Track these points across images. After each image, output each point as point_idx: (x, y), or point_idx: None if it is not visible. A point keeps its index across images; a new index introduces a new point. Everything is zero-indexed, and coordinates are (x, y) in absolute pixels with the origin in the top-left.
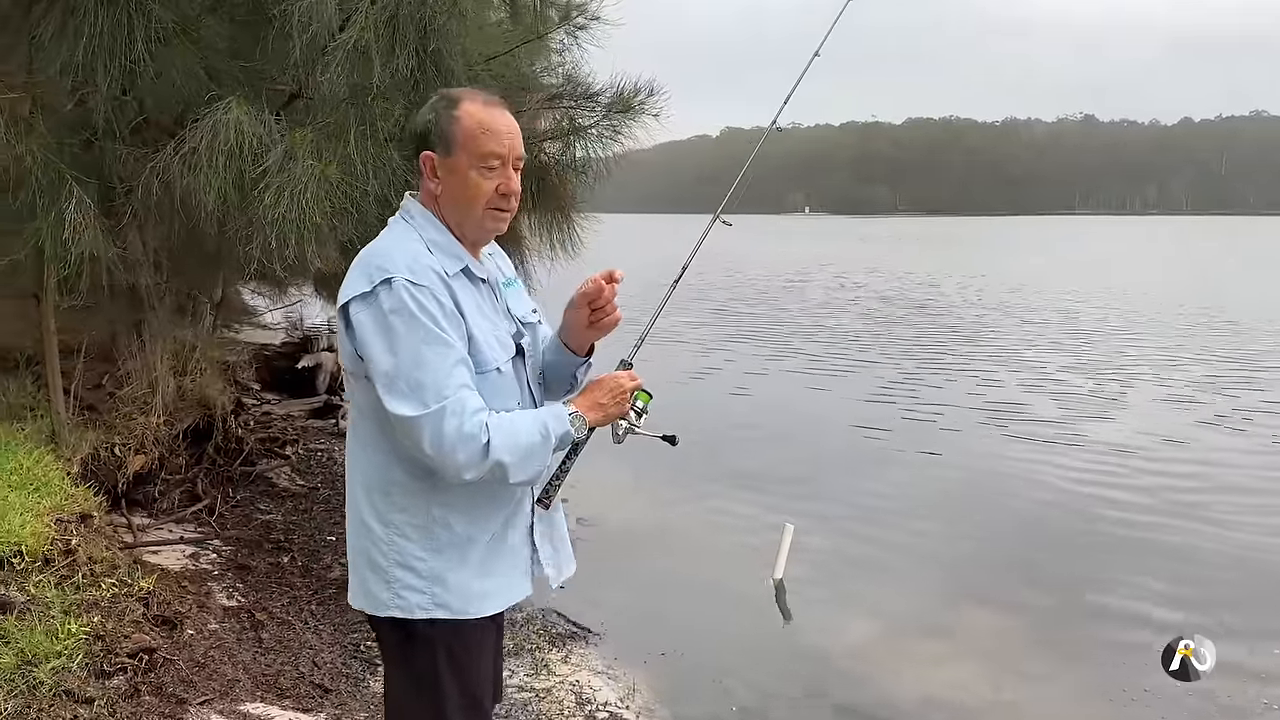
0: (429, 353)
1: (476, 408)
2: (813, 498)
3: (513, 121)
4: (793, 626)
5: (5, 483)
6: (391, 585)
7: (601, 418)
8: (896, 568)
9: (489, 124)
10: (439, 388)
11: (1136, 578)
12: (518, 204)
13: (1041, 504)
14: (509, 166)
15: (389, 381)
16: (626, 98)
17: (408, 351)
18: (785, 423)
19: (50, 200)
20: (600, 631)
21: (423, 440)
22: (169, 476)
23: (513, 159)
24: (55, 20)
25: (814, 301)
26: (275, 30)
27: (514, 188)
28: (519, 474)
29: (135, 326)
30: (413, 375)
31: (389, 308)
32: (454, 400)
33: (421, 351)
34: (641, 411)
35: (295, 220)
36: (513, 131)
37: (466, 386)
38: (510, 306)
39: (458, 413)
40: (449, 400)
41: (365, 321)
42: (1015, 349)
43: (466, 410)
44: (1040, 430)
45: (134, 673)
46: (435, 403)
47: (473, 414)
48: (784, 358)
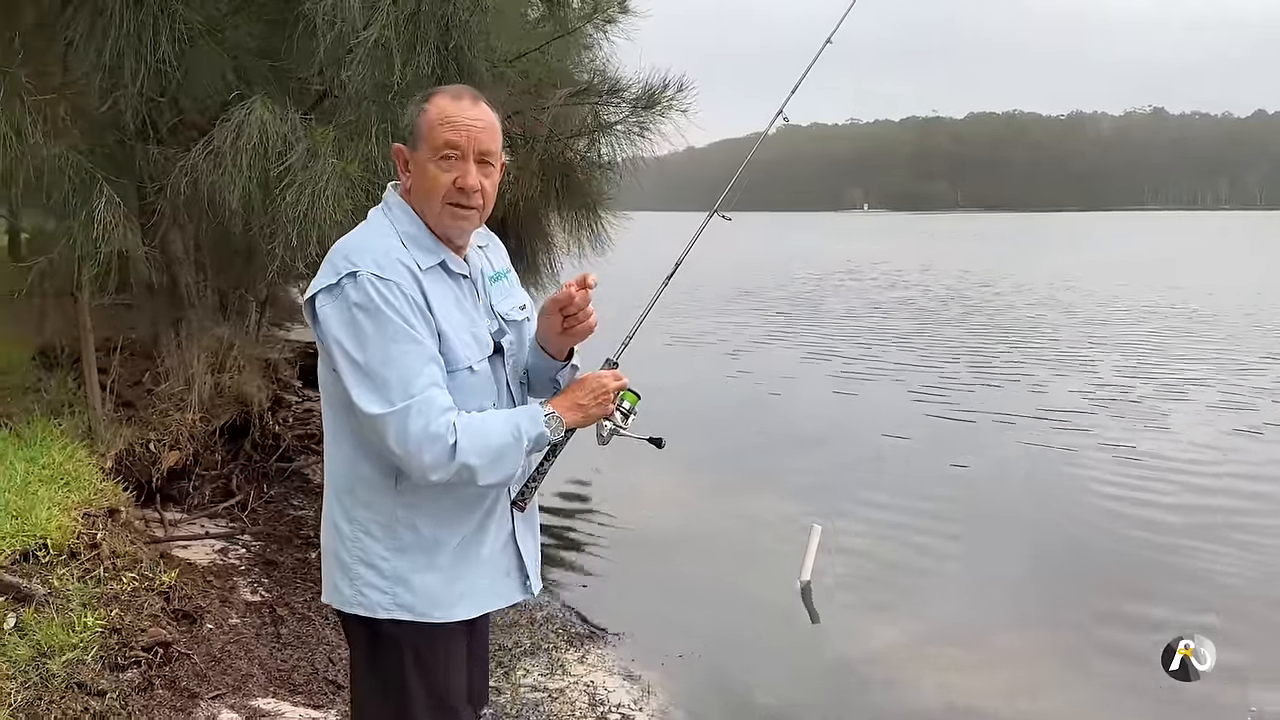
0: (396, 349)
1: (444, 407)
2: (843, 500)
3: (484, 114)
4: (818, 630)
5: (37, 477)
6: (355, 582)
7: (581, 419)
8: (927, 573)
9: (449, 114)
10: (406, 385)
11: (1178, 595)
12: (485, 203)
13: (1082, 514)
14: (469, 160)
15: (356, 377)
16: (654, 93)
17: (375, 348)
18: (818, 424)
19: (82, 200)
20: (618, 632)
21: (388, 438)
22: (203, 472)
23: (475, 152)
24: (85, 21)
25: (861, 300)
26: (301, 29)
27: (470, 183)
28: (488, 476)
29: (174, 324)
30: (379, 372)
31: (354, 301)
32: (421, 399)
33: (388, 348)
34: (628, 413)
35: (316, 218)
36: (478, 123)
37: (435, 385)
38: (494, 303)
39: (424, 412)
40: (415, 399)
41: (330, 315)
42: (1068, 352)
43: (433, 409)
44: (1087, 438)
45: (148, 666)
46: (401, 400)
47: (440, 413)
48: (823, 359)
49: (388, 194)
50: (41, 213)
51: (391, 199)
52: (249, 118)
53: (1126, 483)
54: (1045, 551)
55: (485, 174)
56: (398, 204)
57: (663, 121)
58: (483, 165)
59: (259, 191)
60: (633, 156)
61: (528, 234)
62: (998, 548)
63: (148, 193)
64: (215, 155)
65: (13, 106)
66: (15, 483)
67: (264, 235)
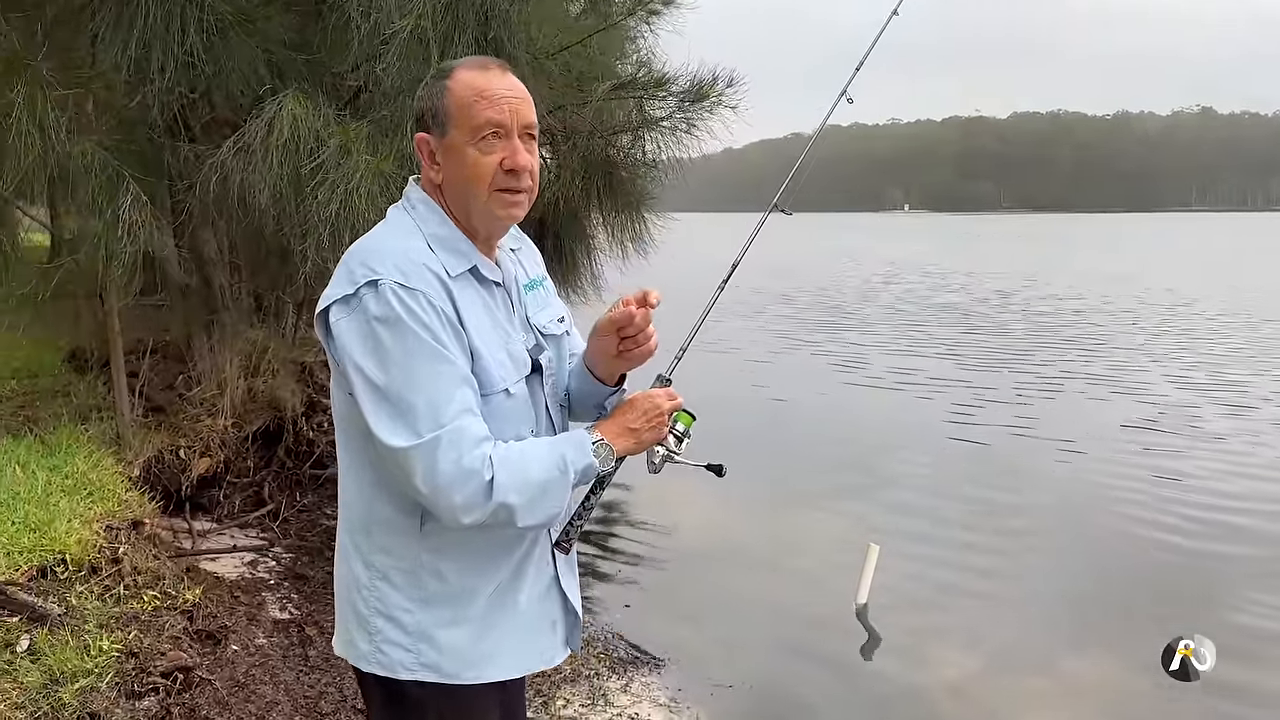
0: (424, 371)
1: (479, 437)
2: (900, 516)
3: (516, 83)
4: (876, 657)
5: (59, 487)
6: (373, 638)
7: (633, 445)
8: (990, 596)
9: (484, 88)
10: (435, 413)
11: (1248, 626)
12: (535, 184)
13: (1151, 532)
14: (514, 136)
15: (375, 403)
16: (703, 87)
17: (399, 369)
18: (870, 435)
19: (108, 198)
20: (664, 658)
21: (414, 475)
22: (235, 479)
23: (519, 127)
24: (111, 12)
25: (908, 304)
26: (334, 21)
27: (522, 161)
28: (529, 517)
29: (207, 326)
30: (405, 398)
31: (375, 314)
32: (452, 429)
33: (415, 369)
34: (682, 436)
35: (349, 217)
36: (515, 94)
37: (469, 411)
38: (530, 314)
39: (456, 443)
40: (446, 429)
41: (347, 330)
42: (1128, 359)
43: (466, 440)
44: (1154, 456)
45: (166, 694)
46: (430, 431)
47: (474, 445)
48: (870, 365)
49: (409, 189)
50: (75, 212)
51: (414, 195)
52: (280, 113)
53: (1197, 501)
54: (1111, 573)
55: (530, 150)
56: (422, 200)
57: (711, 118)
58: (527, 141)
59: (290, 190)
60: (677, 155)
61: (567, 235)
62: (1061, 568)
63: (178, 191)
64: (245, 152)
65: (35, 101)
66: (36, 493)
67: (295, 236)
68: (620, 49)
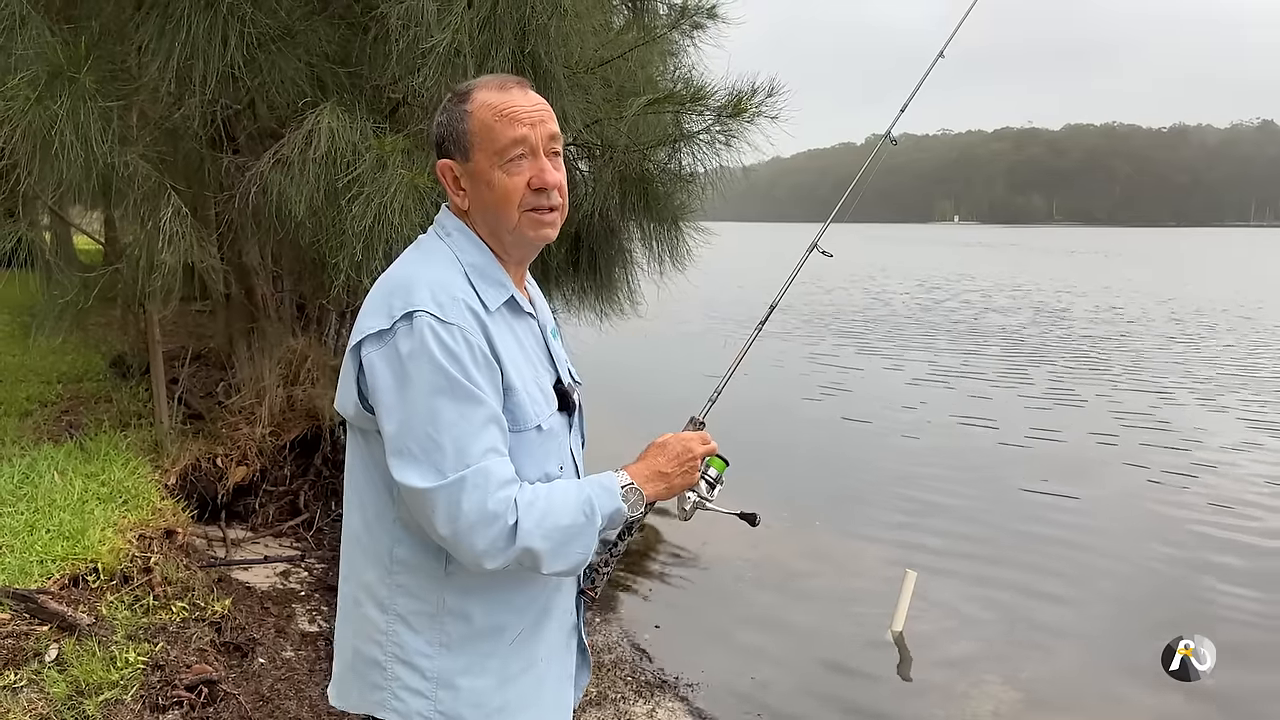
0: (451, 408)
1: (504, 479)
2: (938, 540)
3: (537, 99)
4: (912, 688)
5: (95, 494)
6: (389, 684)
7: (664, 490)
8: (1034, 624)
9: (504, 107)
10: (460, 453)
11: None
12: (565, 201)
13: (1202, 566)
14: (540, 155)
15: (398, 442)
16: (741, 99)
17: (423, 405)
18: (907, 457)
19: (150, 209)
20: (692, 682)
21: (435, 518)
22: (271, 488)
23: (544, 142)
24: (155, 24)
25: (956, 321)
26: (375, 34)
27: (551, 179)
28: (555, 563)
29: (248, 334)
30: (428, 436)
31: (407, 351)
32: (477, 469)
33: (440, 406)
34: (715, 481)
35: (383, 231)
36: (538, 110)
37: (495, 451)
38: (556, 357)
39: (480, 485)
40: (470, 470)
41: (378, 365)
42: (1186, 380)
43: (491, 482)
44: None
45: (190, 707)
46: (454, 471)
47: (499, 487)
48: (910, 386)
49: (442, 216)
50: (120, 222)
51: (449, 222)
52: (318, 126)
53: (1253, 528)
54: (1157, 608)
55: (558, 166)
56: (458, 228)
57: (751, 129)
58: (553, 156)
59: (325, 202)
60: (718, 167)
61: (603, 249)
62: (1103, 597)
63: (218, 201)
64: (283, 164)
65: (79, 113)
66: (72, 501)
67: (330, 248)
68: (662, 64)
